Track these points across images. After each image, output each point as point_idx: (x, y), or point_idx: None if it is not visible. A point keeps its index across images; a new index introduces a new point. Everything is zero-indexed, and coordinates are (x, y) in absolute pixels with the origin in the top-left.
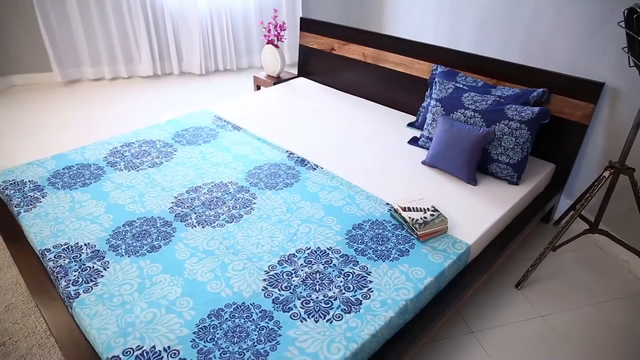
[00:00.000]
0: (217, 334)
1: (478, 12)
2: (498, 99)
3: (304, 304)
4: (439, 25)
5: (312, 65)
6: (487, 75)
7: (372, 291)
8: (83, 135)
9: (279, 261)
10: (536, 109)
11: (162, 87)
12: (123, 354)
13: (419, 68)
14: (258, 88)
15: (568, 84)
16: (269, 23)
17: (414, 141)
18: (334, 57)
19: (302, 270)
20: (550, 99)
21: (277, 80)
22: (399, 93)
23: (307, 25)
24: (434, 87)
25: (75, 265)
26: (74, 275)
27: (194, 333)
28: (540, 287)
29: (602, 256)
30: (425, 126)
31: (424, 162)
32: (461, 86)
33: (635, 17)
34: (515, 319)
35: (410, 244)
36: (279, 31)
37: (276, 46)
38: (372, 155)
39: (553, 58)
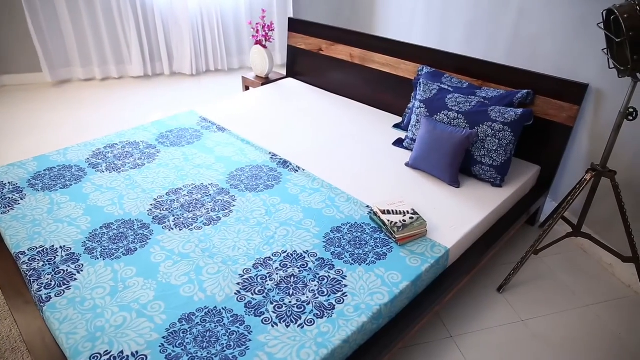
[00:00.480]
0: (187, 338)
1: (466, 13)
2: (482, 100)
3: (276, 308)
4: (429, 27)
5: (300, 65)
6: (473, 76)
7: (346, 295)
8: (72, 136)
9: (254, 265)
10: (519, 110)
11: (153, 88)
12: (90, 359)
13: (405, 69)
14: (247, 89)
15: (553, 86)
16: (257, 23)
17: (399, 143)
18: (322, 58)
19: (276, 274)
20: (535, 101)
21: (266, 81)
22: (385, 94)
23: (295, 25)
24: (418, 89)
25: (49, 268)
26: (47, 279)
27: (163, 338)
28: (522, 291)
29: (587, 259)
30: (409, 128)
31: (407, 164)
32: (446, 87)
33: (613, 18)
34: (496, 324)
35: (389, 247)
36: (267, 31)
37: (264, 47)
38: (356, 156)
39: (539, 59)
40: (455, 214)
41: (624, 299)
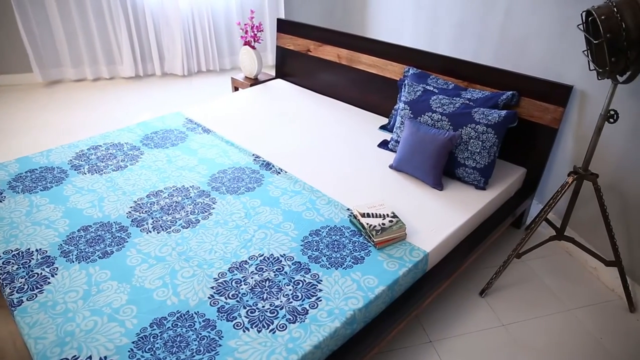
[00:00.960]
0: (157, 343)
1: (455, 15)
2: (467, 101)
3: (249, 313)
4: (419, 27)
5: (289, 66)
6: (459, 77)
7: (321, 300)
8: (60, 136)
9: (229, 268)
10: (503, 112)
11: (144, 89)
12: None
13: (392, 70)
14: (236, 89)
15: (537, 87)
16: (245, 24)
17: (384, 144)
18: (310, 59)
19: (251, 277)
20: (520, 102)
21: (255, 82)
22: (373, 95)
23: (284, 26)
24: (402, 90)
25: (23, 271)
26: (20, 282)
27: (133, 343)
28: (505, 295)
29: (572, 263)
30: (394, 129)
31: (391, 166)
32: (431, 89)
33: (591, 20)
34: (476, 328)
35: (367, 251)
36: (255, 32)
37: (253, 47)
38: (340, 158)
39: (525, 60)
40: (436, 217)
41: (608, 303)
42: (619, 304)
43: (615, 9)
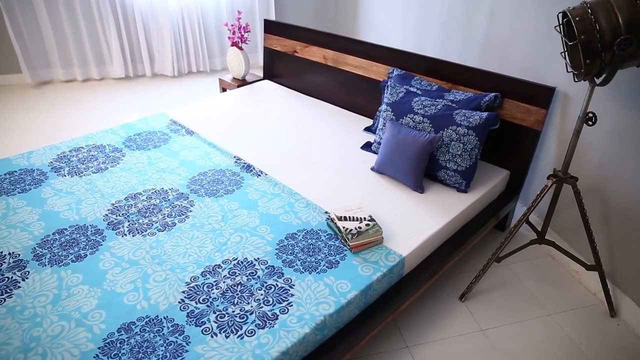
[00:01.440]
0: (123, 349)
1: (442, 16)
2: (450, 103)
3: (218, 318)
4: (407, 28)
5: (276, 67)
6: (443, 79)
7: (292, 305)
8: (48, 138)
9: (202, 272)
10: (484, 114)
11: (134, 89)
12: None
13: (377, 71)
14: (224, 90)
15: (520, 89)
16: (232, 25)
17: (367, 146)
18: (297, 60)
19: (224, 282)
20: (503, 104)
21: (242, 83)
22: (358, 96)
23: (271, 27)
24: (385, 91)
25: None
26: None
27: (99, 348)
28: (485, 299)
29: (555, 266)
30: (377, 131)
31: (372, 169)
32: (414, 90)
33: (566, 21)
34: (454, 333)
35: (342, 255)
36: (242, 33)
37: (240, 48)
38: (323, 160)
39: (510, 62)
40: (416, 221)
41: (589, 307)
42: (600, 308)
43: (589, 11)
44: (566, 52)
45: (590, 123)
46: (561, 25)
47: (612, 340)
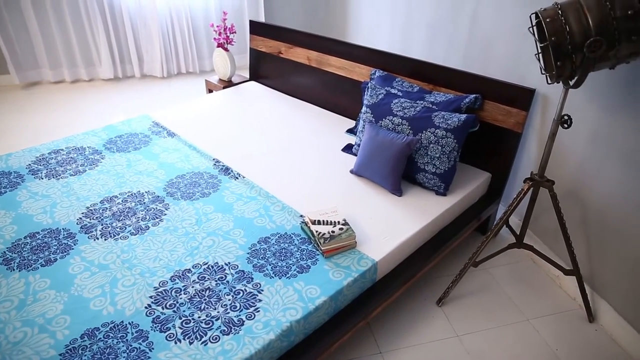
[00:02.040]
0: (85, 356)
1: (427, 17)
2: (430, 105)
3: (183, 323)
4: (394, 31)
5: (262, 69)
6: (425, 80)
7: (259, 311)
8: (34, 139)
9: (171, 277)
10: (463, 116)
11: (122, 91)
12: None
13: (360, 72)
14: (210, 92)
15: (501, 90)
16: (218, 26)
17: (348, 148)
18: (282, 61)
19: (192, 287)
20: (484, 106)
21: (229, 84)
22: (341, 97)
23: (256, 28)
24: (365, 93)
25: None
26: None
27: (60, 355)
28: (463, 304)
29: (535, 270)
30: (357, 133)
31: (352, 171)
32: (395, 92)
33: (537, 22)
34: (429, 339)
35: (314, 259)
36: (228, 34)
37: (226, 49)
38: (303, 163)
39: (491, 63)
40: (392, 224)
41: (568, 312)
42: (579, 313)
43: (560, 12)
44: (540, 54)
45: (565, 126)
46: (534, 27)
47: (589, 346)
